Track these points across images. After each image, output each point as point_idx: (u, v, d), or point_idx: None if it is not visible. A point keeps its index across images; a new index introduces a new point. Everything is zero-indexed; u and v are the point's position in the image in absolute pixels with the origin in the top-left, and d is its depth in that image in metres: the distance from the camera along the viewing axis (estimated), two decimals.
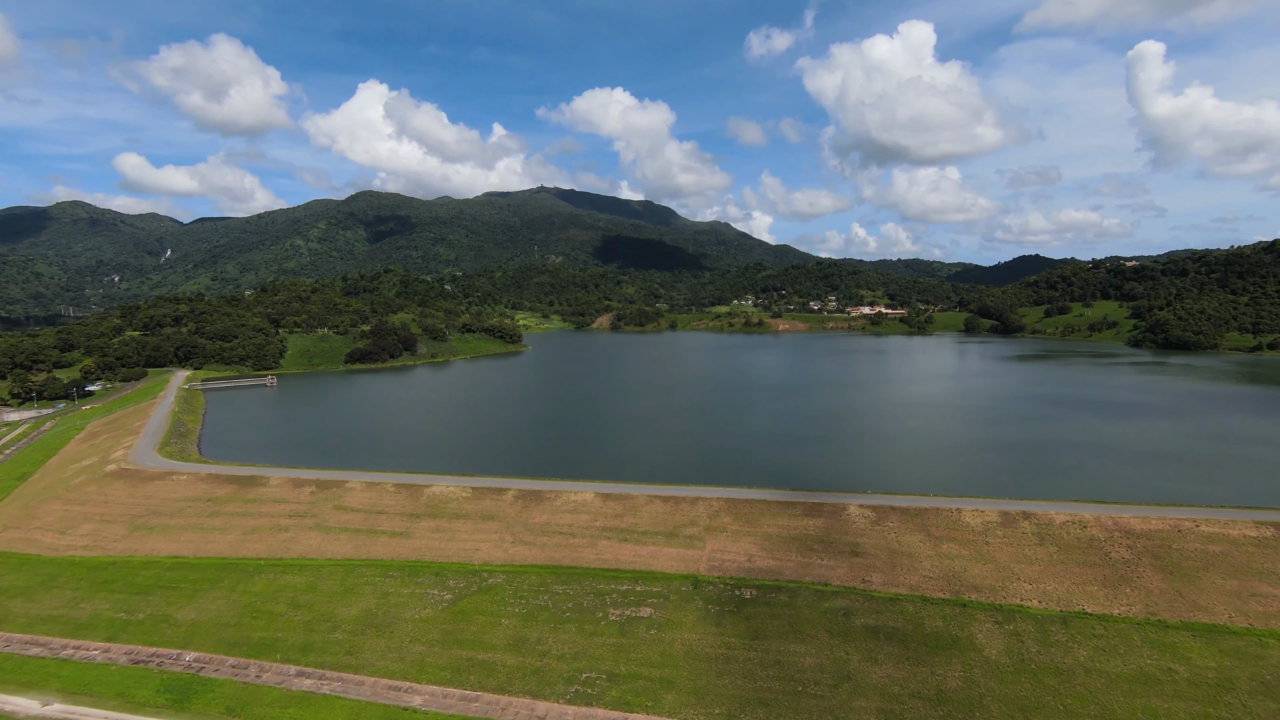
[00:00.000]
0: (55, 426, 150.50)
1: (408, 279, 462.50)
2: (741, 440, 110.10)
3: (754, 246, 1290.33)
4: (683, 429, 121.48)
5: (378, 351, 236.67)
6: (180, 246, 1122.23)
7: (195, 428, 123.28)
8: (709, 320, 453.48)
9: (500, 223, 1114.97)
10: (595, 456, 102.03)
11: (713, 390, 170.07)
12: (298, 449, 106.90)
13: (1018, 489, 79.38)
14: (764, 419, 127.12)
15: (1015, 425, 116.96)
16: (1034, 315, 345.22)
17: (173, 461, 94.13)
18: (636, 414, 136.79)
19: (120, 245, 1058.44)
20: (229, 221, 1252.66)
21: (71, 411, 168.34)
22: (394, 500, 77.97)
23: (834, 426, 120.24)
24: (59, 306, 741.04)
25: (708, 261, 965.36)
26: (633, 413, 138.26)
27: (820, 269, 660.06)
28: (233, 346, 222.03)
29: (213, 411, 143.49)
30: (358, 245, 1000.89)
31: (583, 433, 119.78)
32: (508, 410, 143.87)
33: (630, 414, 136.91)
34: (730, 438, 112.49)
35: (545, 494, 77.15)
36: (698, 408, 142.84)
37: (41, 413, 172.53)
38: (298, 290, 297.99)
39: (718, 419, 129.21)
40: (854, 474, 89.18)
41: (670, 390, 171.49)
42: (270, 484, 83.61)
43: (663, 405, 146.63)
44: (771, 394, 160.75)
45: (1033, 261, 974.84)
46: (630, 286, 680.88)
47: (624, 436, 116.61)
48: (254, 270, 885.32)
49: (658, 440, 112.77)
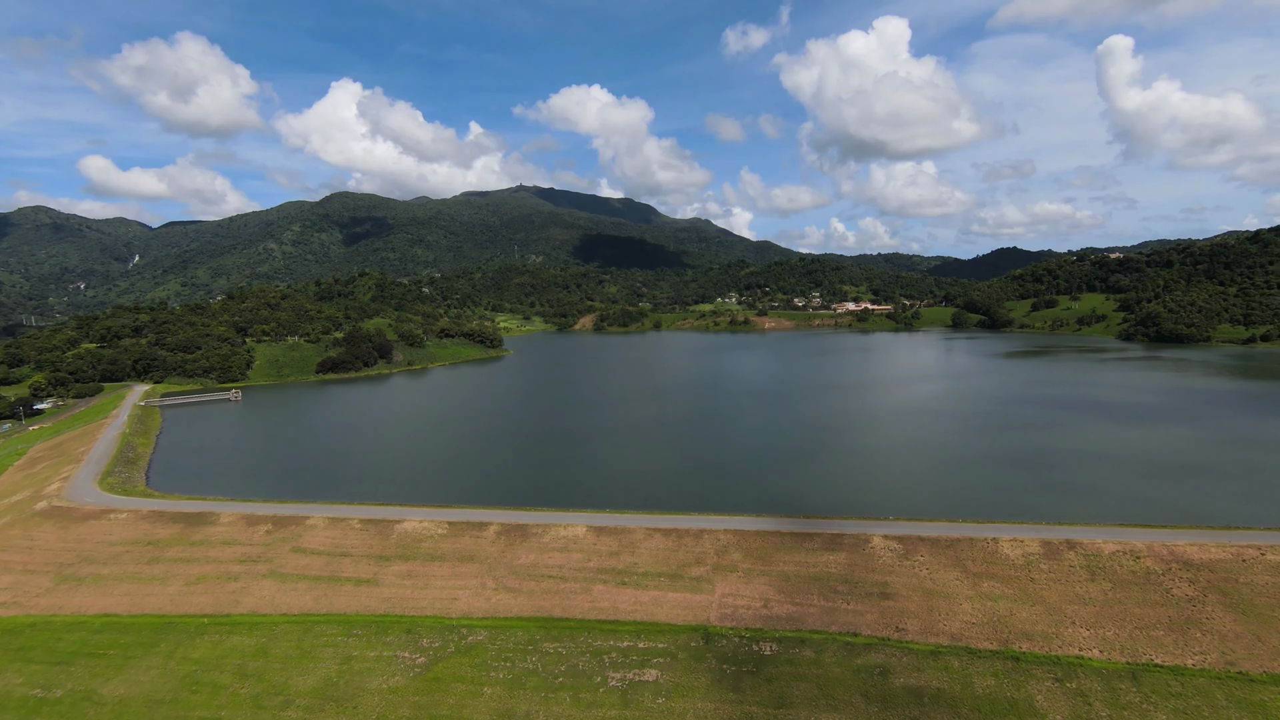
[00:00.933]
0: (7, 443, 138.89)
1: (384, 282, 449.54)
2: (740, 456, 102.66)
3: (735, 243, 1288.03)
4: (676, 443, 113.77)
5: (351, 360, 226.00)
6: (149, 252, 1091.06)
7: (146, 452, 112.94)
8: (694, 319, 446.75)
9: (479, 223, 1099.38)
10: (584, 477, 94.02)
11: (704, 397, 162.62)
12: (256, 477, 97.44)
13: (1049, 511, 72.82)
14: (762, 430, 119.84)
15: (1025, 433, 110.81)
16: (1021, 309, 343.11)
17: (113, 496, 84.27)
18: (626, 426, 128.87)
19: (86, 251, 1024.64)
20: (199, 225, 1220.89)
21: (16, 433, 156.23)
22: (360, 539, 69.26)
23: (837, 439, 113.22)
24: (20, 316, 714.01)
25: (689, 259, 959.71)
26: (622, 424, 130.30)
27: (803, 265, 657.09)
28: (195, 358, 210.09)
29: (168, 432, 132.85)
30: (333, 248, 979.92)
31: (570, 449, 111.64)
32: (488, 424, 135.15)
33: (619, 426, 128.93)
34: (727, 452, 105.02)
35: (531, 528, 68.96)
36: (691, 418, 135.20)
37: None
38: (267, 296, 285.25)
39: (713, 431, 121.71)
40: (866, 495, 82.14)
41: (659, 397, 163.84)
42: (221, 522, 74.37)
43: (653, 415, 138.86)
44: (766, 401, 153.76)
45: (1011, 254, 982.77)
46: (612, 286, 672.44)
47: (614, 452, 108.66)
48: (226, 275, 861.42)
49: (650, 456, 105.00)
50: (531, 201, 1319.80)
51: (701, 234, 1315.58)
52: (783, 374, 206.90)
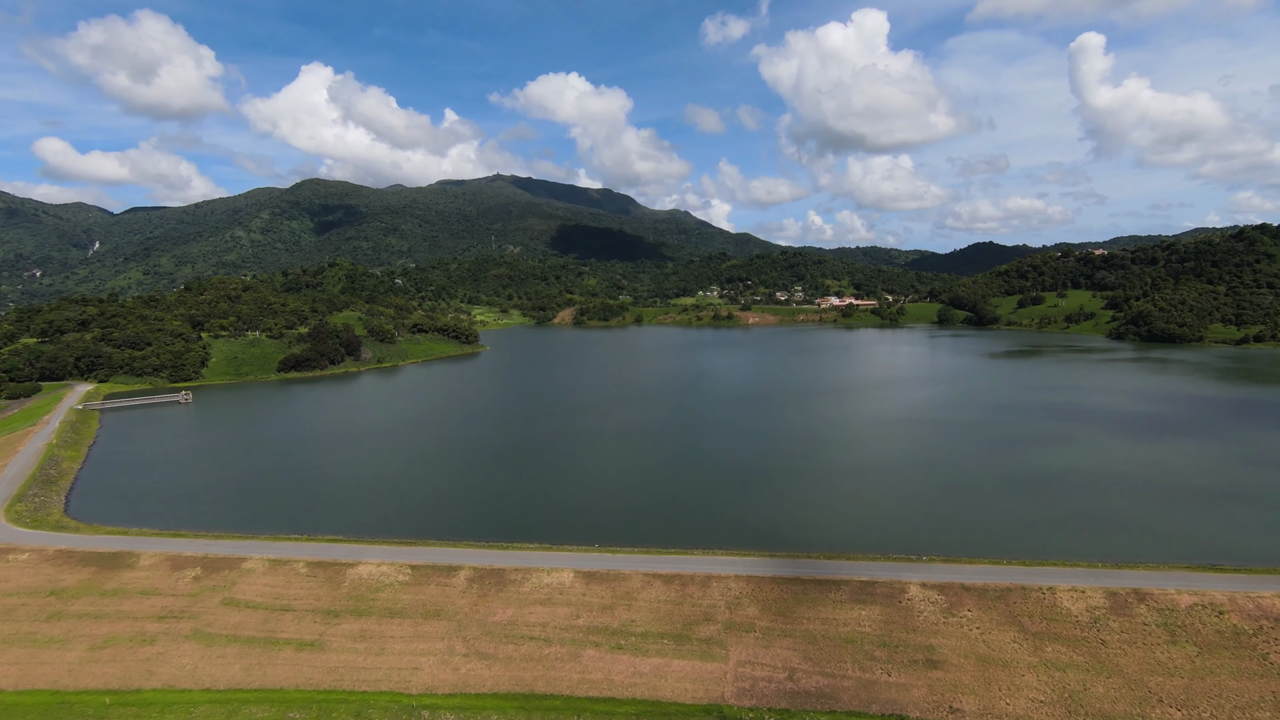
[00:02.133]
0: None
1: (354, 273, 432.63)
2: (735, 473, 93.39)
3: (714, 235, 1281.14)
4: (665, 456, 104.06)
5: (316, 357, 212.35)
6: (110, 238, 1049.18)
7: (72, 468, 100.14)
8: (675, 313, 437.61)
9: (455, 212, 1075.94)
10: (567, 499, 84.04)
11: (691, 401, 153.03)
12: (194, 501, 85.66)
13: (1095, 548, 64.79)
14: (756, 443, 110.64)
15: (1039, 450, 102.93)
16: (1007, 306, 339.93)
17: (18, 529, 72.16)
18: (610, 434, 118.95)
19: (42, 237, 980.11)
20: (164, 211, 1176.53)
21: None
22: (306, 588, 58.61)
23: (837, 455, 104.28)
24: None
25: (668, 251, 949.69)
26: (606, 433, 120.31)
27: (785, 259, 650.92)
28: (145, 355, 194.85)
29: (103, 442, 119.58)
30: (304, 236, 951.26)
31: (550, 463, 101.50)
32: (460, 433, 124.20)
33: (603, 435, 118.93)
34: (722, 469, 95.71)
35: (509, 574, 58.94)
36: (678, 426, 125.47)
37: None
38: (227, 288, 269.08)
39: (703, 443, 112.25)
40: (883, 526, 73.45)
41: (644, 402, 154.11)
42: (141, 564, 63.06)
43: (639, 422, 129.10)
44: (757, 407, 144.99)
45: (987, 249, 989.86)
46: (592, 278, 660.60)
47: (598, 467, 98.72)
48: (190, 264, 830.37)
49: (638, 473, 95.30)
50: (509, 191, 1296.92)
51: (681, 225, 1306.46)
52: (771, 375, 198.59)
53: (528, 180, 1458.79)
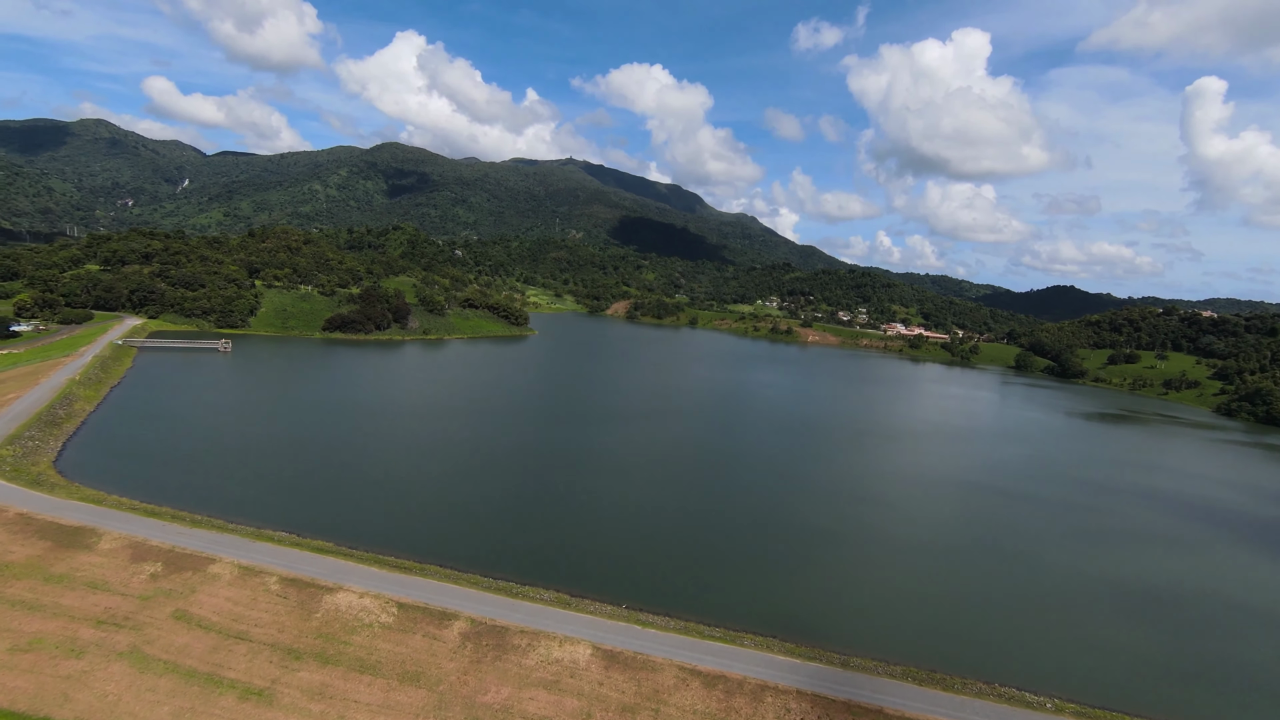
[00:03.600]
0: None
1: (417, 239, 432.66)
2: (781, 527, 79.68)
3: (779, 244, 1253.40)
4: (707, 493, 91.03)
5: (362, 321, 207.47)
6: (199, 177, 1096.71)
7: (84, 410, 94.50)
8: (732, 320, 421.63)
9: (524, 190, 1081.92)
10: (595, 534, 72.34)
11: (739, 426, 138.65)
12: (189, 470, 77.75)
13: None
14: (804, 491, 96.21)
15: (1138, 550, 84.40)
16: (1095, 360, 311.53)
17: (1, 486, 65.21)
18: (650, 455, 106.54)
19: (139, 169, 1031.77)
20: (251, 158, 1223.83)
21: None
22: (272, 612, 48.72)
23: (895, 521, 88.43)
24: (66, 224, 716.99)
25: (730, 254, 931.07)
26: (645, 451, 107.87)
27: (852, 277, 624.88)
28: (196, 296, 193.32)
29: (126, 385, 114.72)
30: (376, 198, 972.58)
31: (580, 484, 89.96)
32: (490, 427, 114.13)
33: (642, 454, 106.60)
34: (767, 519, 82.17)
35: (512, 635, 47.64)
36: (723, 456, 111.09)
37: None
38: (288, 239, 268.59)
39: (749, 480, 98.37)
40: (967, 636, 59.13)
41: (690, 418, 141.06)
42: (100, 547, 54.55)
43: (681, 443, 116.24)
44: (808, 442, 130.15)
45: (1067, 294, 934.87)
46: (650, 273, 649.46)
47: (634, 495, 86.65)
48: (268, 210, 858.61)
49: (677, 511, 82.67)
50: (579, 176, 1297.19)
51: (746, 230, 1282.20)
52: (826, 404, 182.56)
53: (599, 167, 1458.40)
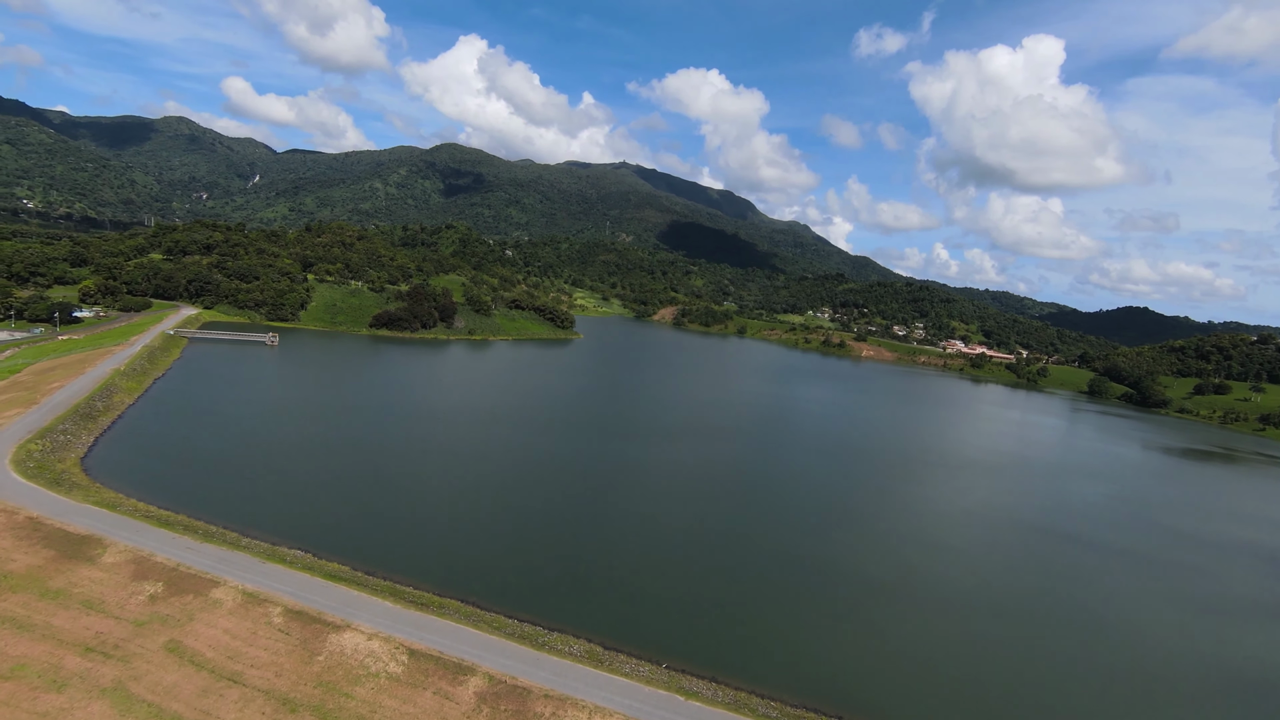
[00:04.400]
0: (9, 359, 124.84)
1: (468, 238, 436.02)
2: (850, 578, 70.94)
3: (831, 254, 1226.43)
4: (755, 525, 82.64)
5: (409, 319, 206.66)
6: (269, 173, 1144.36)
7: (122, 403, 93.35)
8: (782, 331, 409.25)
9: (576, 193, 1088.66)
10: (627, 570, 65.48)
11: (795, 448, 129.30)
12: (215, 472, 74.51)
13: None
14: (878, 533, 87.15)
15: (1265, 629, 73.10)
16: (1179, 389, 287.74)
17: (14, 475, 62.87)
18: (690, 478, 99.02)
19: (214, 164, 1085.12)
20: (318, 156, 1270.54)
21: (44, 340, 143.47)
22: (271, 650, 43.58)
23: (962, 571, 78.47)
24: (144, 215, 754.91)
25: (780, 262, 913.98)
26: (686, 474, 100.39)
27: (909, 291, 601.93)
28: (250, 289, 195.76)
29: (170, 377, 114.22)
30: (433, 196, 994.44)
31: (613, 499, 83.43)
32: (528, 434, 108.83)
33: (682, 476, 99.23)
34: (833, 564, 73.64)
35: (534, 699, 41.16)
36: (776, 485, 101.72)
37: (15, 335, 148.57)
38: (343, 234, 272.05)
39: (808, 514, 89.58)
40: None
41: (737, 436, 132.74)
42: (104, 560, 50.77)
43: (729, 469, 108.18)
44: (860, 469, 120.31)
45: (1141, 316, 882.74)
46: (699, 279, 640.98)
47: (670, 524, 79.24)
48: (331, 206, 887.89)
49: (720, 545, 74.99)
50: (631, 179, 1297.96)
51: (798, 239, 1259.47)
52: (881, 426, 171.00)
53: (651, 171, 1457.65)
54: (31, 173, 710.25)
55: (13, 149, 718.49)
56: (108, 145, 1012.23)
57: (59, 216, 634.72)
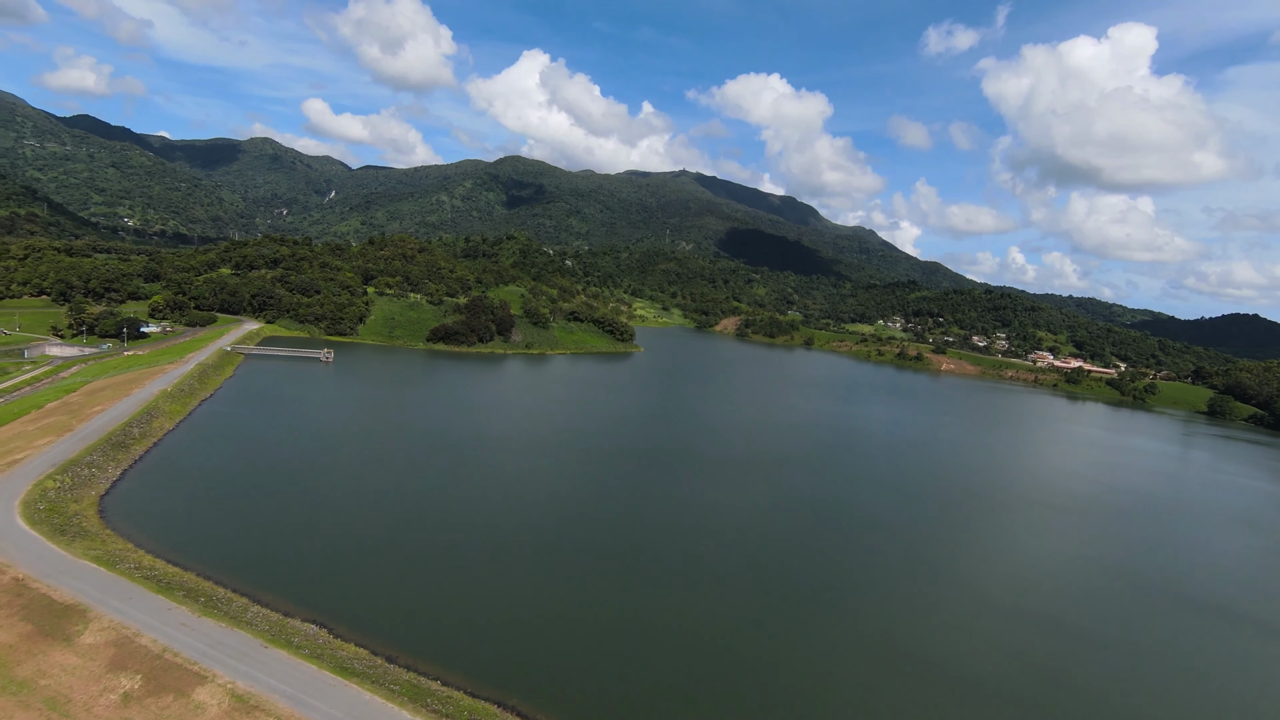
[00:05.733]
0: (72, 377, 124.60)
1: (528, 248, 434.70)
2: (946, 667, 56.51)
3: (899, 259, 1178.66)
4: (821, 599, 68.60)
5: (466, 332, 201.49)
6: (344, 189, 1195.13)
7: (161, 429, 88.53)
8: (852, 342, 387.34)
9: (636, 202, 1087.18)
10: (683, 674, 53.47)
11: (871, 484, 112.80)
12: (235, 515, 67.00)
13: None
14: (977, 605, 71.35)
15: None
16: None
17: (17, 521, 56.65)
18: (758, 520, 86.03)
19: (294, 182, 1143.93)
20: (389, 171, 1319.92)
21: (109, 356, 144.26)
22: None
23: (1146, 667, 62.40)
24: (231, 230, 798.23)
25: (845, 269, 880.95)
26: (752, 519, 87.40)
27: (989, 299, 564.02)
28: (311, 303, 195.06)
29: (218, 399, 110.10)
30: (496, 208, 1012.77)
31: (659, 567, 71.65)
32: (573, 468, 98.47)
33: (749, 520, 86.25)
34: (924, 650, 59.18)
35: None
36: (850, 537, 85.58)
37: (85, 351, 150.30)
38: (404, 246, 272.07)
39: (889, 579, 74.32)
40: None
41: (803, 467, 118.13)
42: (83, 639, 42.77)
43: (800, 505, 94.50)
44: (961, 510, 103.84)
45: (1250, 323, 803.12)
46: (761, 287, 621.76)
47: (732, 610, 66.64)
48: (399, 220, 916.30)
49: (787, 636, 61.93)
50: (691, 187, 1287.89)
51: (863, 244, 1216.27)
52: (971, 451, 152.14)
53: (711, 179, 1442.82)
54: (133, 193, 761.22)
55: (117, 171, 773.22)
56: (200, 166, 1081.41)
57: (154, 233, 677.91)
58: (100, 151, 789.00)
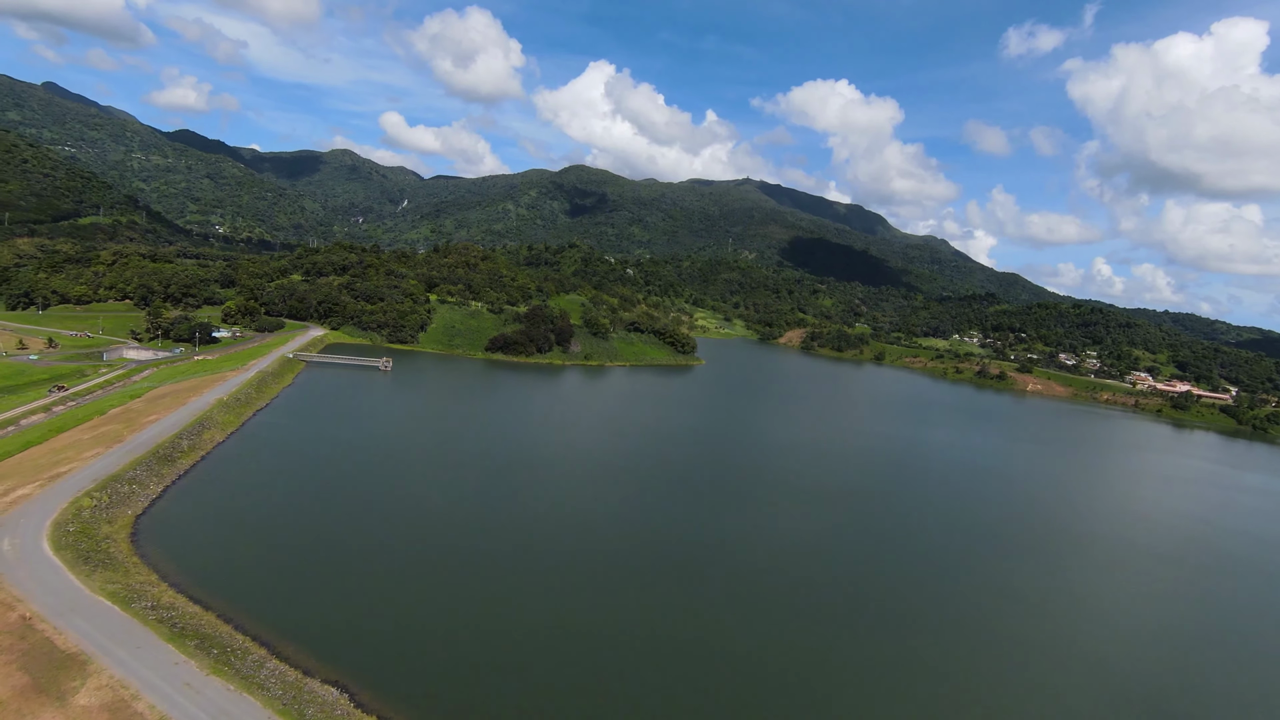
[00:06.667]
0: (143, 381, 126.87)
1: (590, 256, 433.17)
2: None
3: (974, 270, 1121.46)
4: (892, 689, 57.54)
5: (524, 342, 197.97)
6: (416, 198, 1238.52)
7: (210, 442, 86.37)
8: (927, 358, 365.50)
9: (699, 210, 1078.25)
10: None
11: (959, 529, 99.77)
12: (269, 543, 62.58)
13: None
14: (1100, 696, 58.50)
15: None
16: None
17: (46, 549, 53.48)
18: (821, 573, 75.61)
19: (370, 191, 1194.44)
20: (458, 181, 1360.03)
21: (180, 360, 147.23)
22: None
23: None
24: (310, 237, 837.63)
25: (915, 280, 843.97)
26: (812, 566, 76.96)
27: (1077, 314, 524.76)
28: (374, 310, 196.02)
29: (274, 408, 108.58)
30: (559, 217, 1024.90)
31: (726, 598, 62.40)
32: (624, 491, 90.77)
33: (811, 575, 75.63)
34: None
35: None
36: (930, 601, 74.36)
37: (158, 355, 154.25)
38: (468, 254, 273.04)
39: (980, 666, 62.73)
40: None
41: (884, 506, 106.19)
42: (75, 702, 37.88)
43: (867, 554, 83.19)
44: (1066, 564, 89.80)
45: None
46: (827, 298, 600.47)
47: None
48: (467, 228, 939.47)
49: None
50: (754, 195, 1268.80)
51: (935, 254, 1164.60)
52: (1071, 490, 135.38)
53: (775, 187, 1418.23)
54: (224, 202, 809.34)
55: (212, 183, 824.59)
56: (285, 176, 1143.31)
57: (241, 239, 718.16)
58: (197, 163, 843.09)
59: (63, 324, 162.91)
